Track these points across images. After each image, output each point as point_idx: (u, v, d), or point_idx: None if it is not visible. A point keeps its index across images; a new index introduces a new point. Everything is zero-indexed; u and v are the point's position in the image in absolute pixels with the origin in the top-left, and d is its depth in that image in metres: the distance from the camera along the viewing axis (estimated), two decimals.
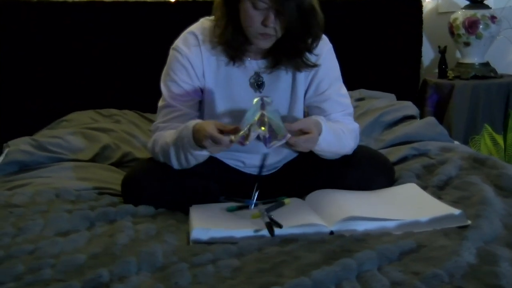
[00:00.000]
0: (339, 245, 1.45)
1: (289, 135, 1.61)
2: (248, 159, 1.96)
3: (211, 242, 1.52)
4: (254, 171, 1.98)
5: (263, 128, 1.58)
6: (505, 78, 3.09)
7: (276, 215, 1.65)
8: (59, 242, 1.48)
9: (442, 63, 3.11)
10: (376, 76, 3.08)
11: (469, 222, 1.61)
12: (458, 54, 3.26)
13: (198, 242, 1.53)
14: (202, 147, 1.66)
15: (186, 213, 1.74)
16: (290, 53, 1.81)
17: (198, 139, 1.66)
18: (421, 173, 2.06)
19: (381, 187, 1.90)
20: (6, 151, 2.25)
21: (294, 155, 2.01)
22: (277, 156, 1.99)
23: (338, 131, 1.84)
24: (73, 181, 2.03)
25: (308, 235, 1.55)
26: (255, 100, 1.63)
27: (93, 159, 2.27)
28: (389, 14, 3.05)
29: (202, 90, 1.89)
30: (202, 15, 1.92)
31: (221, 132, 1.62)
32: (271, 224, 1.55)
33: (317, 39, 1.80)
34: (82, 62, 2.77)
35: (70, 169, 2.15)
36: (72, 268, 1.34)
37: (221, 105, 1.89)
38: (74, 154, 2.27)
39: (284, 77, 1.91)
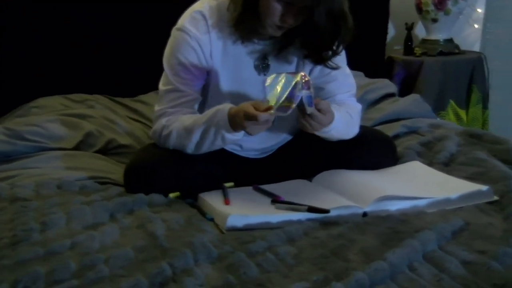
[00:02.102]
0: (389, 226, 1.44)
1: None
2: (245, 142, 1.91)
3: (246, 229, 1.47)
4: (251, 154, 1.95)
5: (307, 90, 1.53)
6: (468, 54, 3.16)
7: (296, 198, 1.60)
8: (95, 236, 1.38)
9: (408, 40, 3.14)
10: None
11: (495, 197, 1.63)
12: (418, 31, 3.30)
13: (233, 229, 1.47)
14: (237, 130, 1.62)
15: (195, 199, 1.69)
16: (316, 57, 1.76)
17: (235, 122, 1.60)
18: (421, 151, 2.07)
19: (387, 166, 1.90)
20: None
21: (289, 138, 1.98)
22: (275, 139, 1.95)
23: (348, 117, 1.83)
24: (65, 171, 1.92)
25: (344, 217, 1.52)
26: (272, 76, 1.55)
27: (77, 147, 2.15)
28: None
29: (208, 72, 1.82)
30: None
31: None
32: (315, 209, 1.51)
33: (344, 43, 1.74)
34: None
35: (58, 158, 2.02)
36: (126, 262, 1.26)
37: (227, 86, 1.83)
38: (56, 142, 2.14)
39: (291, 59, 1.85)
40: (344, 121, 1.79)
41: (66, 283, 1.17)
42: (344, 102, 1.89)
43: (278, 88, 1.53)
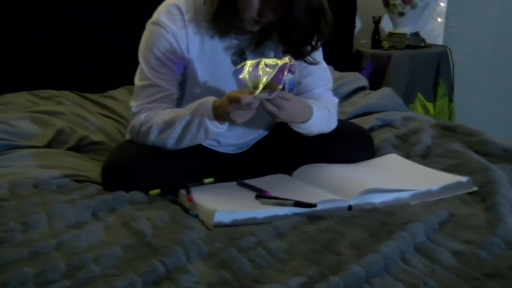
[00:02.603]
0: (376, 219, 1.44)
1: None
2: (223, 138, 1.89)
3: (233, 225, 1.46)
4: (229, 150, 1.93)
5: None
6: (434, 47, 3.20)
7: (279, 193, 1.60)
8: (80, 235, 1.35)
9: (375, 33, 3.16)
10: None
11: (475, 188, 1.65)
12: (385, 25, 3.32)
13: (220, 225, 1.45)
14: (221, 122, 1.63)
15: (176, 196, 1.67)
16: (295, 52, 1.74)
17: (220, 113, 1.60)
18: (397, 144, 2.09)
19: (365, 159, 1.90)
20: None
21: (266, 133, 1.97)
22: (253, 134, 1.94)
23: (326, 112, 1.83)
24: (40, 170, 1.86)
25: (329, 211, 1.52)
26: (250, 63, 1.56)
27: (48, 145, 2.10)
28: None
29: (185, 67, 1.80)
30: None
31: None
32: (301, 203, 1.50)
33: (323, 38, 1.74)
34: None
35: (29, 156, 1.96)
36: (117, 262, 1.24)
37: (204, 82, 1.81)
38: (27, 140, 2.08)
39: (268, 54, 1.84)
40: (323, 116, 1.79)
41: (57, 284, 1.14)
42: (321, 96, 1.89)
43: (260, 72, 1.53)
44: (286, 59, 1.54)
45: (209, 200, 1.56)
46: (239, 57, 1.82)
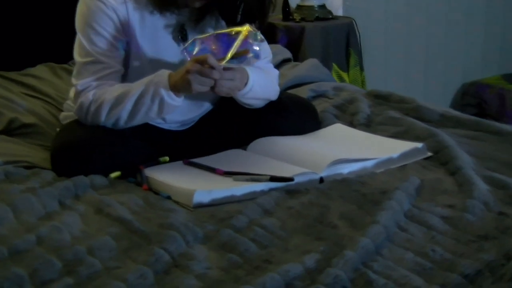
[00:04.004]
0: (353, 189, 1.45)
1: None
2: (168, 115, 1.83)
3: (211, 204, 1.42)
4: (173, 127, 1.88)
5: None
6: (340, 19, 3.25)
7: (242, 169, 1.57)
8: (59, 227, 1.26)
9: (285, 6, 3.16)
10: None
11: (429, 153, 1.70)
12: None
13: (200, 205, 1.41)
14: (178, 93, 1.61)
15: (132, 177, 1.61)
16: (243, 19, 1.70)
17: (176, 84, 1.58)
18: (337, 114, 2.11)
19: (312, 130, 1.91)
20: None
21: (210, 108, 1.93)
22: (197, 110, 1.90)
23: (263, 76, 1.81)
24: None
25: (302, 184, 1.51)
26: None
27: None
28: None
29: (127, 43, 1.74)
30: None
31: None
32: (278, 178, 1.48)
33: (267, 15, 1.75)
34: None
35: None
36: (112, 252, 1.17)
37: (147, 58, 1.75)
38: None
39: (207, 30, 1.80)
40: (260, 80, 1.76)
41: (58, 282, 1.06)
42: (262, 69, 1.87)
43: (213, 46, 1.55)
44: (247, 27, 1.55)
45: (179, 180, 1.51)
46: (180, 33, 1.79)
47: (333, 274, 1.04)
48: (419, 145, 1.71)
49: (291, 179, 1.49)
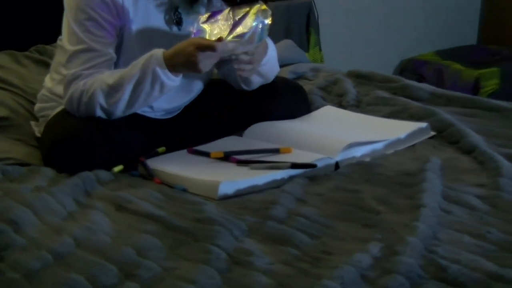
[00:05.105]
0: (375, 172, 1.44)
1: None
2: (156, 103, 1.76)
3: (236, 195, 1.37)
4: (161, 115, 1.81)
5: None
6: None
7: (258, 157, 1.53)
8: (92, 228, 1.17)
9: None
10: None
11: (433, 133, 1.70)
12: None
13: (225, 197, 1.36)
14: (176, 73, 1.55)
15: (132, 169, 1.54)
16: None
17: (174, 63, 1.52)
18: (323, 95, 2.08)
19: (303, 113, 1.88)
20: None
21: (197, 95, 1.87)
22: (184, 97, 1.83)
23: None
24: None
25: (320, 169, 1.48)
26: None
27: None
28: None
29: (120, 28, 1.65)
30: None
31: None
32: (300, 165, 1.44)
33: None
34: None
35: None
36: (162, 252, 1.10)
37: (139, 43, 1.67)
38: None
39: (200, 11, 1.74)
40: (274, 53, 1.76)
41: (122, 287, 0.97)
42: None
43: (221, 23, 1.54)
44: (262, 6, 1.56)
45: (196, 171, 1.44)
46: (174, 15, 1.72)
47: (405, 262, 1.01)
48: (423, 124, 1.71)
49: (314, 165, 1.45)
